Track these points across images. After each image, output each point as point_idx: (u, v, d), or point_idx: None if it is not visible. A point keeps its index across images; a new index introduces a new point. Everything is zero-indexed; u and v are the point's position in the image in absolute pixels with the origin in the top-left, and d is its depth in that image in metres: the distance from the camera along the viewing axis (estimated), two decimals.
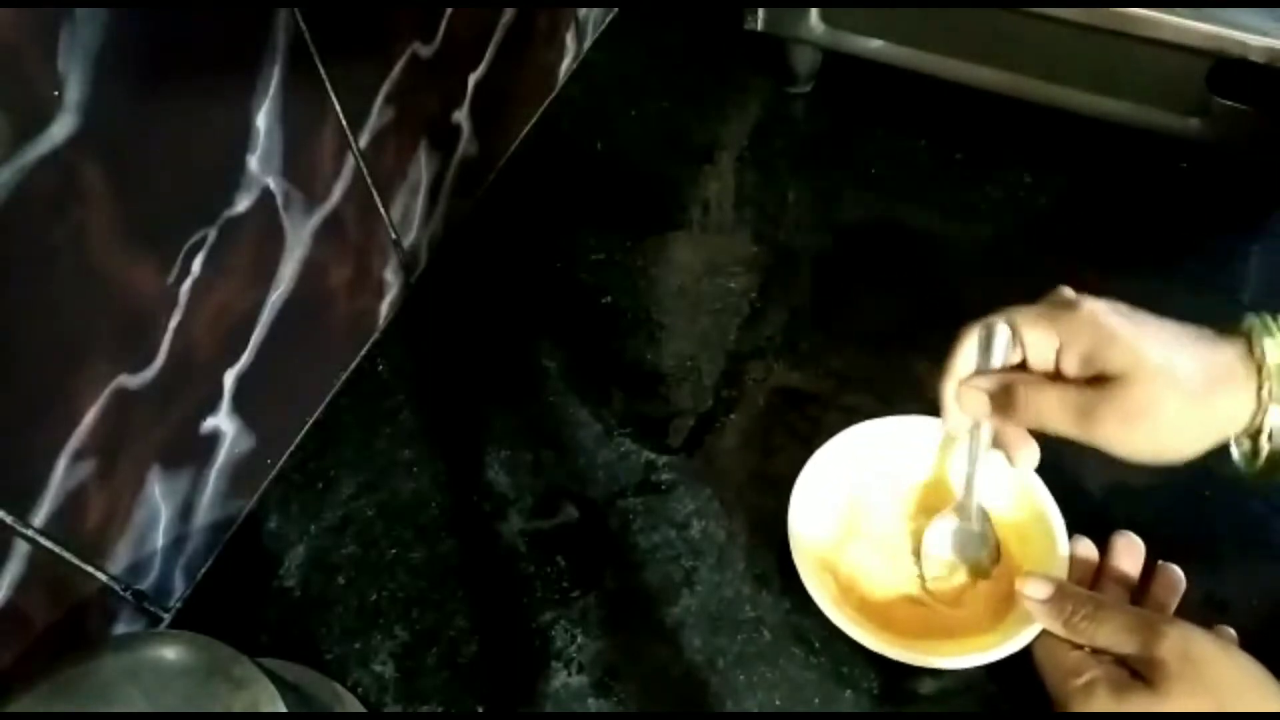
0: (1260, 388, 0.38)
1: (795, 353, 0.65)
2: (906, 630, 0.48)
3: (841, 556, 0.51)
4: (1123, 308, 0.40)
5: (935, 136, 0.77)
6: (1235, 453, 0.41)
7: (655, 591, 0.55)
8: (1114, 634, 0.41)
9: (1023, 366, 0.43)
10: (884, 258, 0.71)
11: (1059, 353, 0.41)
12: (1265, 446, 0.39)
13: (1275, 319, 0.39)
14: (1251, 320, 0.40)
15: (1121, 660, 0.41)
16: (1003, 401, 0.42)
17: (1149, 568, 0.48)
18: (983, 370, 0.43)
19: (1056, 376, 0.42)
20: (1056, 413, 0.40)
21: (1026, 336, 0.42)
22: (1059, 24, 0.64)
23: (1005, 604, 0.48)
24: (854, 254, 0.71)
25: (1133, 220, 0.71)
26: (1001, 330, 0.42)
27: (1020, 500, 0.50)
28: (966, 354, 0.44)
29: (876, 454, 0.53)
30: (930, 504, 0.52)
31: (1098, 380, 0.39)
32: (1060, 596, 0.43)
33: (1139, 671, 0.40)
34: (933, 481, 0.53)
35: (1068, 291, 0.42)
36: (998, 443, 0.46)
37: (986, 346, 0.43)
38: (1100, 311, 0.40)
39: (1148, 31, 0.61)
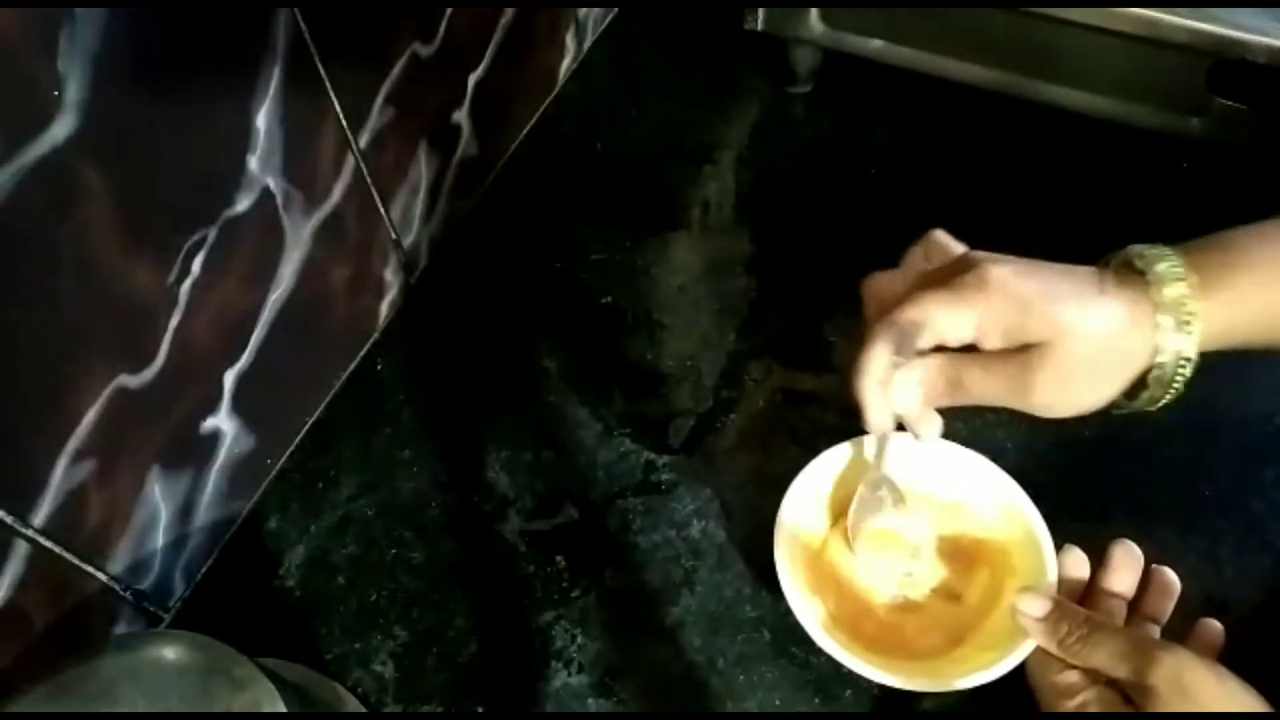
0: (1158, 327, 0.38)
1: (795, 353, 0.65)
2: (902, 637, 0.48)
3: (833, 562, 0.51)
4: (1021, 264, 0.40)
5: (935, 136, 0.77)
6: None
7: (655, 591, 0.55)
8: (1108, 658, 0.40)
9: (937, 348, 0.42)
10: (884, 258, 0.70)
11: (977, 330, 0.40)
12: (1151, 383, 0.39)
13: (1167, 251, 0.40)
14: (1144, 256, 0.40)
15: (1115, 682, 0.41)
16: (935, 387, 0.42)
17: (1145, 569, 0.48)
18: (899, 363, 0.42)
19: (972, 346, 0.41)
20: (989, 388, 0.40)
21: (941, 323, 0.40)
22: (1058, 24, 0.64)
23: (997, 622, 0.47)
24: (854, 254, 0.70)
25: (1133, 220, 0.71)
26: (911, 324, 0.41)
27: (1007, 520, 0.50)
28: (880, 355, 0.42)
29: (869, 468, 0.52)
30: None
31: (1020, 349, 0.39)
32: (1056, 615, 0.43)
33: (1132, 695, 0.40)
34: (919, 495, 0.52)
35: (972, 257, 0.41)
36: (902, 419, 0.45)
37: (900, 341, 0.42)
38: (1008, 280, 0.39)
39: (1148, 31, 0.61)
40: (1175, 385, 0.39)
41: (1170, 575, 0.47)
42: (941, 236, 0.44)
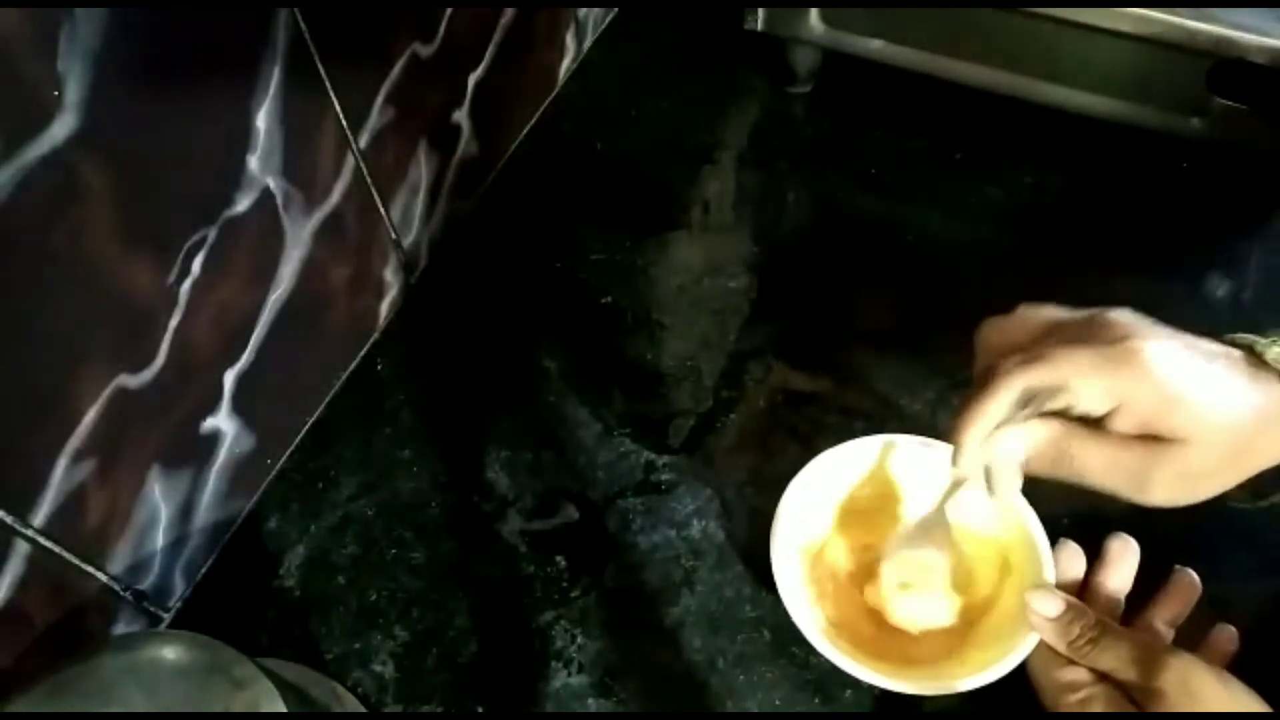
0: None
1: (795, 353, 0.65)
2: (901, 639, 0.48)
3: (832, 564, 0.51)
4: (1173, 340, 0.37)
5: (935, 136, 0.77)
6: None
7: (655, 591, 0.55)
8: (1115, 661, 0.40)
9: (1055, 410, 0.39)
10: (884, 258, 0.71)
11: (1113, 408, 0.37)
12: None
13: None
14: (1272, 350, 0.37)
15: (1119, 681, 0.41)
16: (1044, 455, 0.39)
17: (1169, 570, 0.47)
18: (1009, 420, 0.39)
19: (1093, 421, 0.38)
20: (1104, 475, 0.38)
21: (1080, 391, 0.37)
22: (1059, 24, 0.64)
23: (995, 623, 0.47)
24: (854, 254, 0.71)
25: (1133, 220, 0.71)
26: (1047, 388, 0.37)
27: (1004, 521, 0.49)
28: (998, 407, 0.38)
29: (870, 471, 0.52)
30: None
31: (1147, 437, 0.37)
32: (1069, 617, 0.42)
33: (1137, 698, 0.39)
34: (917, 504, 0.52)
35: (1115, 319, 0.37)
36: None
37: (1024, 399, 0.39)
38: (1164, 362, 0.35)
39: (1148, 31, 0.61)
40: None
41: (1192, 578, 0.46)
42: (1116, 319, 0.39)
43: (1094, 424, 0.38)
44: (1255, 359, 0.38)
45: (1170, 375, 0.36)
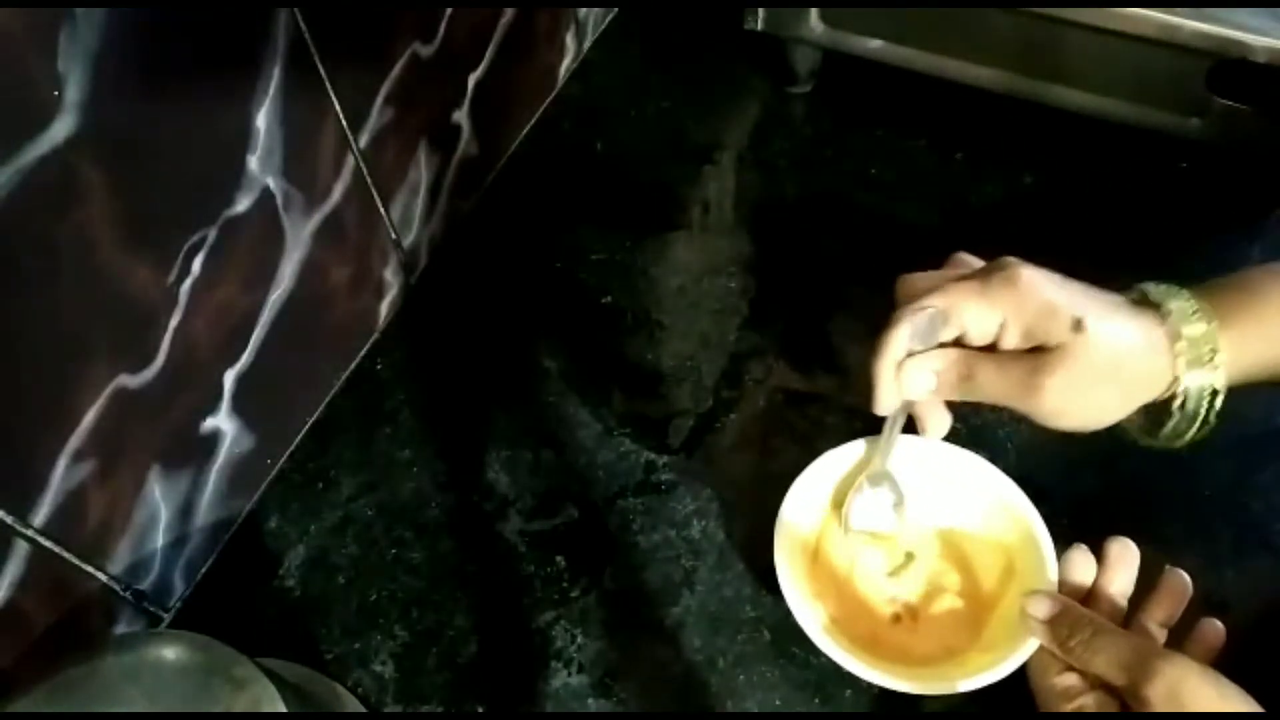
0: (1176, 357, 0.39)
1: (795, 353, 0.65)
2: (902, 639, 0.48)
3: (832, 564, 0.51)
4: (1054, 275, 0.41)
5: (935, 136, 0.77)
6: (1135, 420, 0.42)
7: (655, 591, 0.55)
8: (1107, 664, 0.41)
9: (956, 341, 0.43)
10: (884, 258, 0.70)
11: (999, 327, 0.41)
12: (1176, 413, 0.40)
13: (1179, 288, 0.40)
14: (1157, 291, 0.41)
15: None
16: (948, 378, 0.43)
17: (1159, 570, 0.47)
18: (916, 350, 0.43)
19: (990, 347, 0.42)
20: (999, 385, 0.41)
21: (966, 314, 0.41)
22: (1059, 24, 0.64)
23: (998, 624, 0.47)
24: (854, 254, 0.71)
25: (1133, 220, 0.71)
26: (933, 312, 0.42)
27: (1007, 521, 0.50)
28: (901, 336, 0.43)
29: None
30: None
31: (1035, 351, 0.40)
32: (1061, 619, 0.43)
33: (1129, 703, 0.40)
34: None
35: (1003, 259, 0.42)
36: (912, 413, 0.46)
37: (922, 328, 0.43)
38: (1037, 283, 0.40)
39: (1148, 31, 0.61)
40: (1201, 418, 0.40)
41: (1183, 578, 0.46)
42: (966, 257, 0.46)
43: (990, 349, 0.42)
44: (1141, 301, 0.41)
45: (1044, 290, 0.40)
